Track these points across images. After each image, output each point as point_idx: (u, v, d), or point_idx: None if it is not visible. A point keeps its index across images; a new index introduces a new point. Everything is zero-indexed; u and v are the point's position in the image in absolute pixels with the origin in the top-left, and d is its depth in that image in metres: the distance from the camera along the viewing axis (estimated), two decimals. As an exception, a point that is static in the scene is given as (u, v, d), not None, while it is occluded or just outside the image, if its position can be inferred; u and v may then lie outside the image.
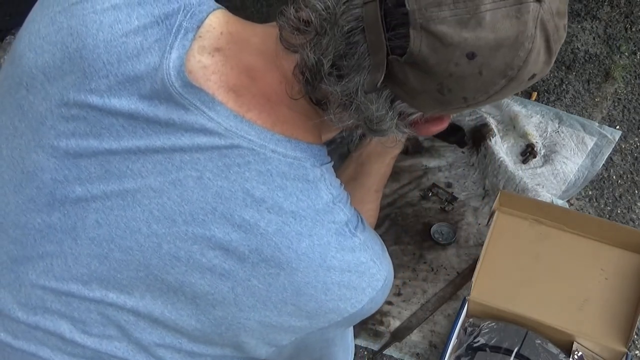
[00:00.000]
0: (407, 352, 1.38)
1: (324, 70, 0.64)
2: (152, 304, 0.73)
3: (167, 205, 0.70)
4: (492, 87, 0.63)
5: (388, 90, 0.65)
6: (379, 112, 0.66)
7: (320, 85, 0.65)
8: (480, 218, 1.53)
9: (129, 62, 0.69)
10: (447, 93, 0.63)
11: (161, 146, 0.69)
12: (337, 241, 0.72)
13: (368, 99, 0.65)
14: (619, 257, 1.36)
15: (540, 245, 1.39)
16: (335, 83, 0.64)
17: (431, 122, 0.72)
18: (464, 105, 0.65)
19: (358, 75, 0.63)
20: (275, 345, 0.77)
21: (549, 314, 1.28)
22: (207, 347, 0.77)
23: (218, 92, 0.68)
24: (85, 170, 0.71)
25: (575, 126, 1.65)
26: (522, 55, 0.61)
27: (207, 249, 0.70)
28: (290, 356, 0.82)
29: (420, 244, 1.51)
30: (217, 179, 0.69)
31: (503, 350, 1.24)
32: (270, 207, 0.69)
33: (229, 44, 0.70)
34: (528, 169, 1.58)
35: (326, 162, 0.75)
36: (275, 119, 0.70)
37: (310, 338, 0.77)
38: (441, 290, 1.44)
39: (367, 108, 0.65)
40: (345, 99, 0.66)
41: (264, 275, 0.70)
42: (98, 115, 0.70)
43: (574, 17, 1.84)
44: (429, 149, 1.65)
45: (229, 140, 0.68)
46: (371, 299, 0.76)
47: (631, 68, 1.75)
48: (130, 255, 0.71)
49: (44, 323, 0.75)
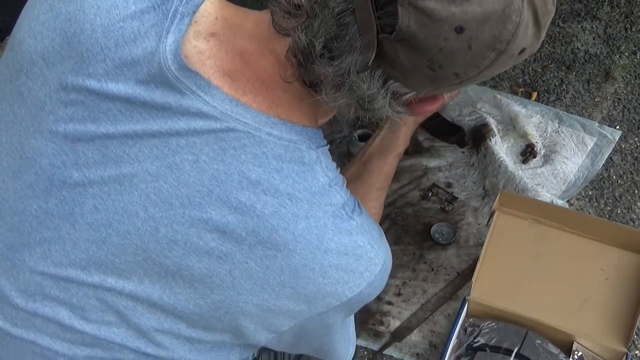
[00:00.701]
0: (407, 352, 1.38)
1: (316, 52, 0.64)
2: (151, 288, 0.73)
3: (164, 189, 0.70)
4: (482, 61, 0.63)
5: (380, 70, 0.66)
6: (370, 91, 0.66)
7: (312, 67, 0.66)
8: (480, 218, 1.53)
9: (126, 47, 0.70)
10: (438, 69, 0.63)
11: (158, 130, 0.70)
12: (334, 224, 0.73)
13: (360, 78, 0.65)
14: (619, 257, 1.36)
15: (540, 245, 1.39)
16: (328, 64, 0.65)
17: (425, 102, 0.72)
18: (456, 81, 0.65)
19: (350, 56, 0.64)
20: (274, 331, 0.77)
21: (549, 314, 1.29)
22: (206, 332, 0.77)
23: (214, 76, 0.69)
24: (83, 155, 0.72)
25: (575, 126, 1.65)
26: (510, 28, 0.62)
27: (204, 231, 0.70)
28: (291, 344, 0.82)
29: (420, 244, 1.51)
30: (213, 162, 0.69)
31: (503, 350, 1.24)
32: (267, 189, 0.70)
33: (224, 29, 0.71)
34: (528, 169, 1.59)
35: (322, 144, 0.75)
36: (270, 102, 0.71)
37: (309, 324, 0.77)
38: (441, 290, 1.45)
39: (359, 87, 0.66)
40: (337, 80, 0.66)
41: (261, 258, 0.71)
42: (96, 100, 0.71)
43: (574, 17, 1.84)
44: (429, 149, 1.65)
45: (224, 123, 0.69)
46: (369, 283, 0.76)
47: (631, 68, 1.75)
48: (128, 239, 0.72)
49: (42, 310, 0.76)
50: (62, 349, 0.77)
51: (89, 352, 0.77)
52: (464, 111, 1.69)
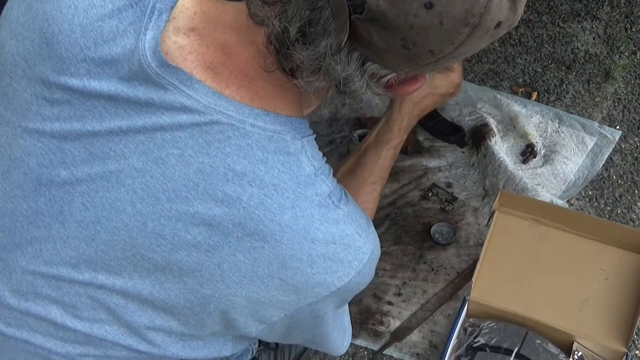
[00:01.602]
0: (407, 352, 1.38)
1: (291, 38, 0.64)
2: (141, 284, 0.74)
3: (151, 184, 0.71)
4: (456, 37, 0.62)
5: (357, 52, 0.66)
6: (345, 73, 0.66)
7: (289, 53, 0.66)
8: (480, 218, 1.53)
9: (106, 46, 0.70)
10: (412, 47, 0.63)
11: (142, 126, 0.70)
12: (320, 213, 0.73)
13: (334, 60, 0.65)
14: (619, 257, 1.36)
15: (540, 245, 1.39)
16: (304, 49, 0.65)
17: (406, 83, 0.72)
18: (432, 59, 0.65)
19: (325, 40, 0.64)
20: (265, 322, 0.77)
21: (549, 314, 1.29)
22: (197, 328, 0.77)
23: (196, 70, 0.69)
24: (70, 153, 0.72)
25: (575, 126, 1.65)
26: (481, 2, 0.61)
27: (191, 225, 0.70)
28: (282, 335, 0.82)
29: (420, 244, 1.51)
30: (198, 156, 0.69)
31: (503, 350, 1.24)
32: (252, 181, 0.70)
33: (203, 23, 0.71)
34: (528, 169, 1.59)
35: (307, 134, 0.75)
36: (253, 93, 0.71)
37: (299, 314, 0.77)
38: (441, 290, 1.45)
39: (335, 70, 0.66)
40: (314, 64, 0.66)
41: (249, 250, 0.71)
42: (81, 98, 0.71)
43: (574, 17, 1.84)
44: (429, 149, 1.65)
45: (208, 116, 0.69)
46: (358, 272, 0.76)
47: (631, 68, 1.75)
48: (117, 235, 0.72)
49: (34, 309, 0.76)
50: (55, 348, 0.78)
51: (82, 350, 0.78)
52: (464, 111, 1.69)
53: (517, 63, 1.78)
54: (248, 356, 1.10)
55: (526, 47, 1.80)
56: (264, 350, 1.31)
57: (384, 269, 1.48)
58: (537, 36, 1.82)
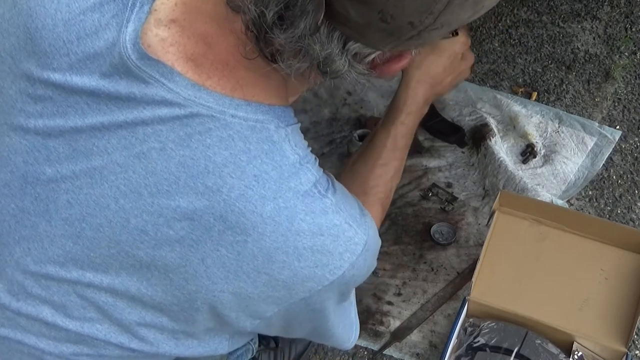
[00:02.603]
0: (407, 352, 1.38)
1: (268, 22, 0.63)
2: (128, 281, 0.73)
3: (133, 179, 0.70)
4: (434, 6, 0.60)
5: (338, 31, 0.64)
6: (325, 52, 0.65)
7: (268, 37, 0.65)
8: (480, 218, 1.53)
9: (88, 40, 0.70)
10: (391, 20, 0.61)
11: (124, 121, 0.69)
12: (305, 203, 0.71)
13: (313, 40, 0.64)
14: (619, 257, 1.36)
15: (540, 245, 1.39)
16: (282, 32, 0.64)
17: (392, 61, 0.71)
18: (413, 31, 0.63)
19: (303, 21, 0.62)
20: (259, 317, 0.76)
21: (549, 314, 1.29)
22: (188, 324, 0.77)
23: (177, 62, 0.69)
24: (54, 150, 0.72)
25: (575, 126, 1.65)
26: None
27: (174, 220, 0.70)
28: (282, 328, 0.81)
29: (420, 244, 1.51)
30: (179, 149, 0.69)
31: (503, 350, 1.24)
32: (232, 172, 0.69)
33: (184, 14, 0.70)
34: (528, 169, 1.59)
35: (292, 122, 0.74)
36: (234, 83, 0.70)
37: (294, 309, 0.76)
38: (441, 290, 1.45)
39: (314, 50, 0.65)
40: (294, 46, 0.65)
41: (232, 244, 0.70)
42: (63, 94, 0.71)
43: (574, 17, 1.84)
44: (429, 149, 1.65)
45: (188, 109, 0.68)
46: (351, 264, 0.74)
47: (631, 68, 1.75)
48: (101, 232, 0.72)
49: (26, 309, 0.76)
50: (48, 348, 0.78)
51: (74, 349, 0.78)
52: (464, 111, 1.69)
53: (517, 63, 1.78)
54: (248, 356, 1.10)
55: (526, 47, 1.80)
56: (264, 350, 1.31)
57: (384, 269, 1.48)
58: (537, 36, 1.82)
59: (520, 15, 1.85)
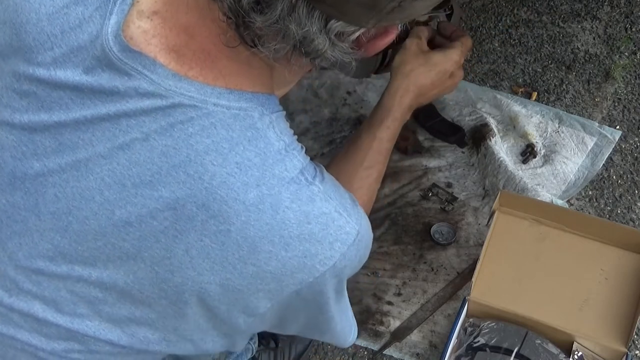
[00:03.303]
0: (407, 352, 1.38)
1: (244, 7, 0.63)
2: (115, 274, 0.73)
3: (117, 170, 0.70)
4: None
5: (318, 10, 0.63)
6: (302, 31, 0.63)
7: (247, 22, 0.64)
8: (480, 218, 1.53)
9: (72, 33, 0.70)
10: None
11: (107, 113, 0.69)
12: (290, 191, 0.70)
13: (289, 20, 0.63)
14: (619, 257, 1.36)
15: (540, 245, 1.39)
16: (259, 16, 0.63)
17: (377, 38, 0.70)
18: (393, 3, 0.61)
19: (280, 3, 0.62)
20: (252, 314, 0.76)
21: (549, 314, 1.29)
22: (178, 320, 0.76)
23: (160, 54, 0.69)
24: (41, 144, 0.72)
25: (575, 126, 1.65)
26: None
27: (157, 210, 0.70)
28: (278, 323, 0.81)
29: (420, 244, 1.51)
30: (162, 139, 0.69)
31: (503, 350, 1.25)
32: (214, 160, 0.68)
33: (165, 5, 0.70)
34: (528, 169, 1.59)
35: (277, 110, 0.73)
36: (217, 72, 0.70)
37: (287, 303, 0.75)
38: (441, 290, 1.45)
39: (290, 30, 0.63)
40: (272, 28, 0.64)
41: (215, 234, 0.69)
42: (47, 89, 0.71)
43: (574, 17, 1.84)
44: (429, 149, 1.65)
45: (170, 100, 0.68)
46: (342, 254, 0.72)
47: (631, 68, 1.75)
48: (87, 225, 0.72)
49: (18, 304, 0.76)
50: (40, 344, 0.78)
51: (65, 346, 0.78)
52: (464, 111, 1.69)
53: (517, 63, 1.78)
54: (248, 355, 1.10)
55: (526, 47, 1.80)
56: (263, 350, 1.31)
57: (384, 269, 1.48)
58: (537, 36, 1.82)
59: (520, 15, 1.85)
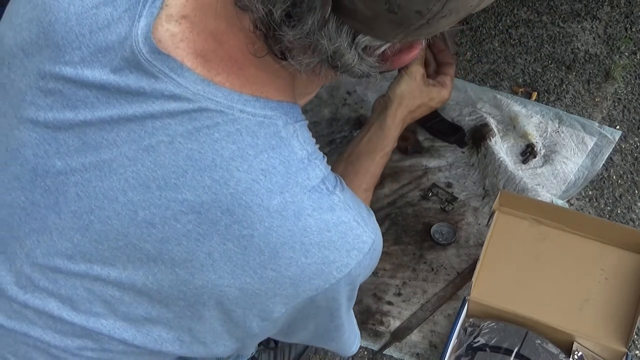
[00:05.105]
0: (407, 352, 1.38)
1: (276, 20, 0.63)
2: (134, 275, 0.73)
3: (142, 172, 0.70)
4: None
5: (347, 25, 0.64)
6: (333, 46, 0.65)
7: (277, 35, 0.65)
8: (480, 218, 1.53)
9: (101, 33, 0.71)
10: (399, 10, 0.61)
11: (133, 114, 0.70)
12: (312, 199, 0.71)
13: (320, 35, 0.64)
14: (619, 257, 1.36)
15: (540, 245, 1.39)
16: (290, 30, 0.64)
17: (403, 52, 0.71)
18: (422, 20, 0.62)
19: (311, 17, 0.62)
20: (267, 318, 0.76)
21: (549, 314, 1.29)
22: (194, 322, 0.77)
23: (187, 58, 0.69)
24: (64, 143, 0.72)
25: (575, 126, 1.65)
26: None
27: (180, 213, 0.70)
28: (287, 329, 0.82)
29: (420, 244, 1.51)
30: (187, 142, 0.69)
31: (503, 350, 1.25)
32: (239, 166, 0.69)
33: (195, 10, 0.71)
34: (528, 169, 1.59)
35: (300, 119, 0.75)
36: (243, 80, 0.70)
37: (300, 308, 0.76)
38: (441, 290, 1.45)
39: (322, 45, 0.65)
40: (302, 42, 0.65)
41: (238, 238, 0.70)
42: (73, 88, 0.71)
43: (574, 17, 1.84)
44: (429, 149, 1.65)
45: (197, 104, 0.69)
46: (358, 262, 0.74)
47: (631, 68, 1.75)
48: (109, 225, 0.72)
49: (33, 301, 0.76)
50: (54, 341, 0.78)
51: (79, 343, 0.78)
52: (464, 111, 1.69)
53: (517, 63, 1.78)
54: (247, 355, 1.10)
55: (526, 47, 1.80)
56: (263, 350, 1.31)
57: (384, 269, 1.48)
58: (537, 36, 1.82)
59: (520, 15, 1.86)
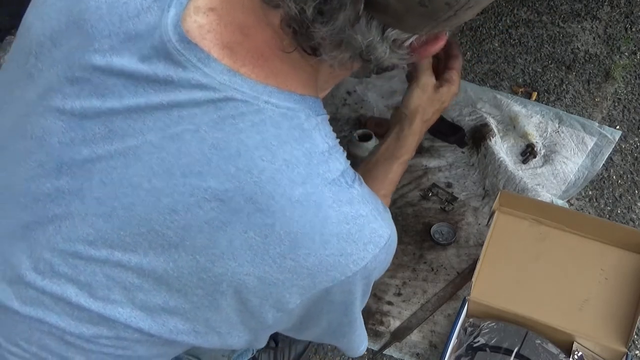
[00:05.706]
0: (407, 352, 1.38)
1: (309, 18, 0.65)
2: (155, 261, 0.74)
3: (166, 159, 0.72)
4: None
5: (376, 20, 0.66)
6: (367, 41, 0.67)
7: (309, 32, 0.66)
8: (480, 218, 1.53)
9: (130, 22, 0.72)
10: (429, 3, 0.63)
11: (160, 102, 0.71)
12: (332, 191, 0.73)
13: (354, 31, 0.66)
14: (619, 257, 1.36)
15: (540, 245, 1.39)
16: (323, 26, 0.65)
17: (429, 43, 0.72)
18: (450, 11, 0.64)
19: (342, 13, 0.64)
20: (282, 309, 0.77)
21: (549, 314, 1.29)
22: (211, 311, 0.77)
23: (214, 49, 0.71)
24: (90, 131, 0.73)
25: (575, 126, 1.65)
26: None
27: (204, 200, 0.71)
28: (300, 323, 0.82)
29: (420, 244, 1.51)
30: (212, 131, 0.70)
31: (503, 350, 1.25)
32: (263, 155, 0.70)
33: (222, 3, 0.72)
34: (528, 169, 1.59)
35: (322, 113, 0.76)
36: (268, 72, 0.72)
37: (315, 299, 0.77)
38: (441, 290, 1.45)
39: (356, 40, 0.67)
40: (335, 38, 0.67)
41: (260, 227, 0.71)
42: (101, 76, 0.73)
43: (574, 17, 1.84)
44: (429, 149, 1.65)
45: (222, 93, 0.70)
46: (374, 256, 0.75)
47: (631, 68, 1.75)
48: (132, 211, 0.73)
49: (50, 287, 0.77)
50: (69, 327, 0.78)
51: (95, 331, 0.78)
52: (464, 111, 1.69)
53: (517, 63, 1.78)
54: (248, 355, 1.10)
55: (526, 47, 1.80)
56: (263, 350, 1.31)
57: (384, 269, 1.48)
58: (537, 36, 1.82)
59: (520, 15, 1.86)
